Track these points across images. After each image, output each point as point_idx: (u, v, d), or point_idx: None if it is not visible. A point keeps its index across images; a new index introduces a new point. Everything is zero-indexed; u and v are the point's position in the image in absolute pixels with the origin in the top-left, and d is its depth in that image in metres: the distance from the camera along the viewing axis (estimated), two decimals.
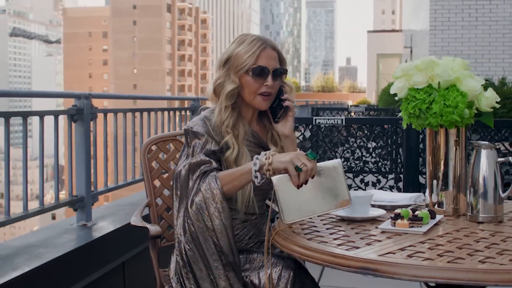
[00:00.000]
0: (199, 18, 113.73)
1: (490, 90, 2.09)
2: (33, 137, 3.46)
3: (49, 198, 3.37)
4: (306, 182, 1.79)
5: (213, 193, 1.91)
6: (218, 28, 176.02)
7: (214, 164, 1.99)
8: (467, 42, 11.32)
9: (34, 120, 3.33)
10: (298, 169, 1.76)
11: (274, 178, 1.79)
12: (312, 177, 1.79)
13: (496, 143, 4.30)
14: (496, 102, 2.09)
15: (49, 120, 3.25)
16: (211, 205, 1.91)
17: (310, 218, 1.88)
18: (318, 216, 1.84)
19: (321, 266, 4.10)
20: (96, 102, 3.58)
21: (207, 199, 1.91)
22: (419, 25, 14.89)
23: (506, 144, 4.41)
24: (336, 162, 1.85)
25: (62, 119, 3.41)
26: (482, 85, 2.06)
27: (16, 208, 3.12)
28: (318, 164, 1.83)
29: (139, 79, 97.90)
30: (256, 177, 1.85)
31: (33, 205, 3.17)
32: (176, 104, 7.86)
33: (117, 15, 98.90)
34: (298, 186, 1.79)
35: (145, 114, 4.39)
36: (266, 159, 1.84)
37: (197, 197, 1.92)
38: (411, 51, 18.80)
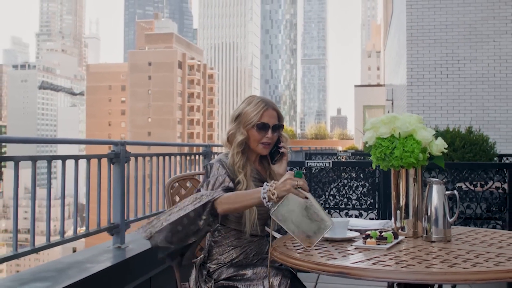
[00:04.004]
0: (206, 74, 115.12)
1: (439, 138, 2.38)
2: (57, 178, 3.55)
3: (69, 233, 3.48)
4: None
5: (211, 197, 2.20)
6: (223, 82, 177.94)
7: (231, 185, 2.30)
8: (439, 95, 11.55)
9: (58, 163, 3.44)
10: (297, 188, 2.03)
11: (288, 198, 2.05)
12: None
13: (457, 183, 4.58)
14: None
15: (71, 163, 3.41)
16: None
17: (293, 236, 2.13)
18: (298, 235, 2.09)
19: (315, 281, 4.32)
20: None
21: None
22: (398, 80, 15.10)
23: (467, 183, 4.62)
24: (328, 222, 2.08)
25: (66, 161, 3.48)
26: (433, 135, 2.35)
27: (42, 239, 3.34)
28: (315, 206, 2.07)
29: (153, 127, 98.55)
30: (264, 198, 2.07)
31: (70, 231, 3.41)
32: (186, 149, 8.12)
33: (134, 70, 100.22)
34: (305, 197, 2.03)
35: (166, 157, 4.69)
36: (270, 191, 2.06)
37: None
38: (392, 103, 19.01)
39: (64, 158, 3.06)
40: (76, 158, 3.20)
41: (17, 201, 2.82)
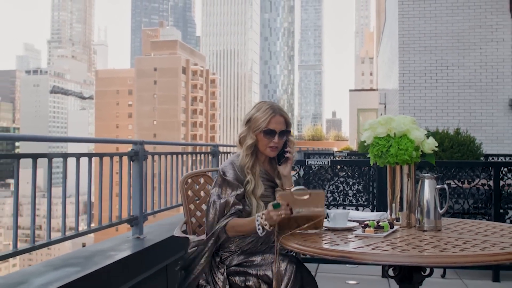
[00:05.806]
0: (209, 79, 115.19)
1: (431, 138, 2.47)
2: (69, 177, 3.50)
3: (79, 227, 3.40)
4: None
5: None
6: (224, 87, 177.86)
7: (240, 206, 2.41)
8: (429, 99, 11.66)
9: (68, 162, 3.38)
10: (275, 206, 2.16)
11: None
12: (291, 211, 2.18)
13: (447, 180, 4.67)
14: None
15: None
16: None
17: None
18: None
19: (315, 267, 4.41)
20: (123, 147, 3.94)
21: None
22: (391, 85, 15.16)
23: (455, 180, 4.72)
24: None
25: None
26: (425, 134, 2.45)
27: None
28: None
29: (158, 130, 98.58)
30: (259, 229, 2.23)
31: (93, 223, 3.49)
32: (190, 149, 8.18)
33: (141, 76, 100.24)
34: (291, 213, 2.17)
35: (179, 156, 4.77)
36: (262, 224, 2.21)
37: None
38: (385, 107, 19.07)
39: (90, 156, 3.18)
40: (101, 156, 3.31)
41: (51, 196, 2.91)
